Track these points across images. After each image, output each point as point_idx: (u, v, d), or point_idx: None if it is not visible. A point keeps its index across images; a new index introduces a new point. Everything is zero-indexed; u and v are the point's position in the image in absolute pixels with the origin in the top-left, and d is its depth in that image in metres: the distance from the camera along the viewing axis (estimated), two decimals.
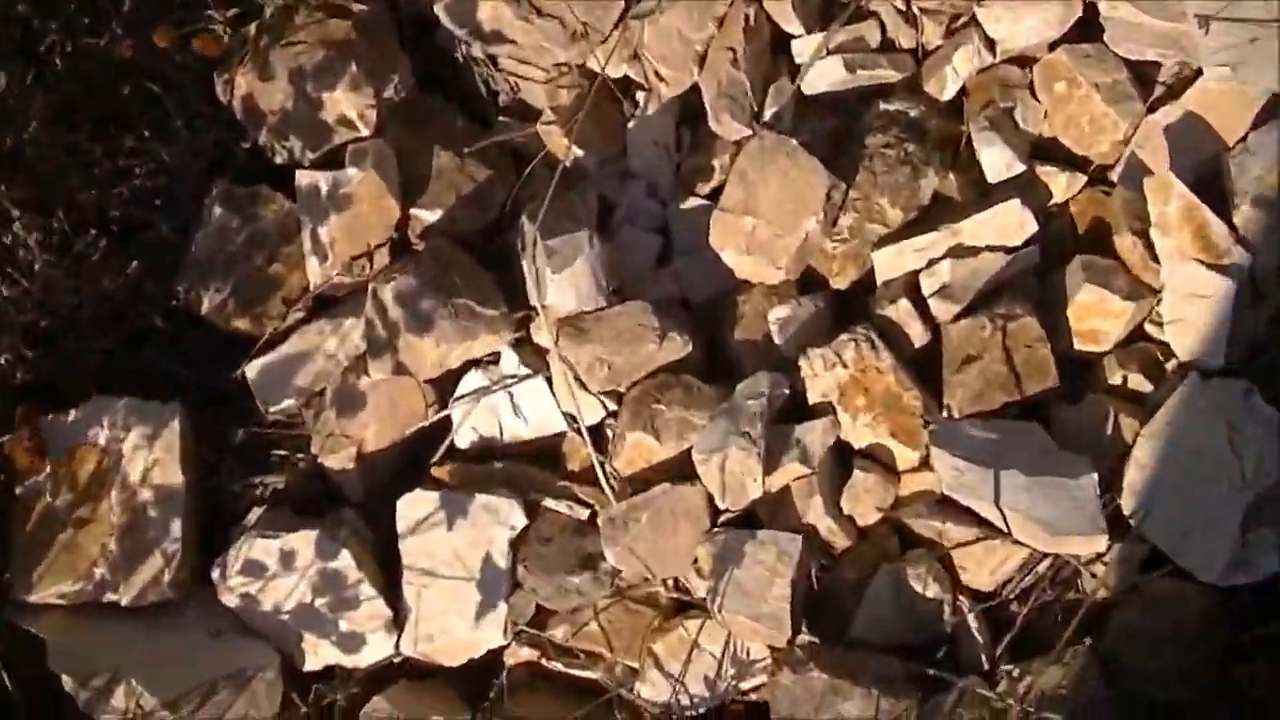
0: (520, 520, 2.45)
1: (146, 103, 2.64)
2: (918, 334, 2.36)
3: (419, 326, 2.42)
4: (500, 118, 2.69)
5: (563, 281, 2.39)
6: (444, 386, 2.58)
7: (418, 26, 2.73)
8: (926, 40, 2.56)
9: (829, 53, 2.51)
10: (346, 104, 2.51)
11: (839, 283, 2.42)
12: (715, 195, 2.51)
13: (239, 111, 2.61)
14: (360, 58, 2.51)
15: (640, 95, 2.61)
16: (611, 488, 2.38)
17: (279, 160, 2.61)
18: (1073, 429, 2.24)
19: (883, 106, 2.52)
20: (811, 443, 2.22)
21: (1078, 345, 2.32)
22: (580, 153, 2.56)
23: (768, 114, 2.54)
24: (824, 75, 2.52)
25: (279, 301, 2.53)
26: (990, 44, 2.37)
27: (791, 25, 2.54)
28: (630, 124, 2.59)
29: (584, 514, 2.42)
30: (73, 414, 2.55)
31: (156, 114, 2.63)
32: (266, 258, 2.55)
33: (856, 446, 2.29)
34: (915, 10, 2.52)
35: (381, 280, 2.46)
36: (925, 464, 2.23)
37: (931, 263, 2.37)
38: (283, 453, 2.57)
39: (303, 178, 2.52)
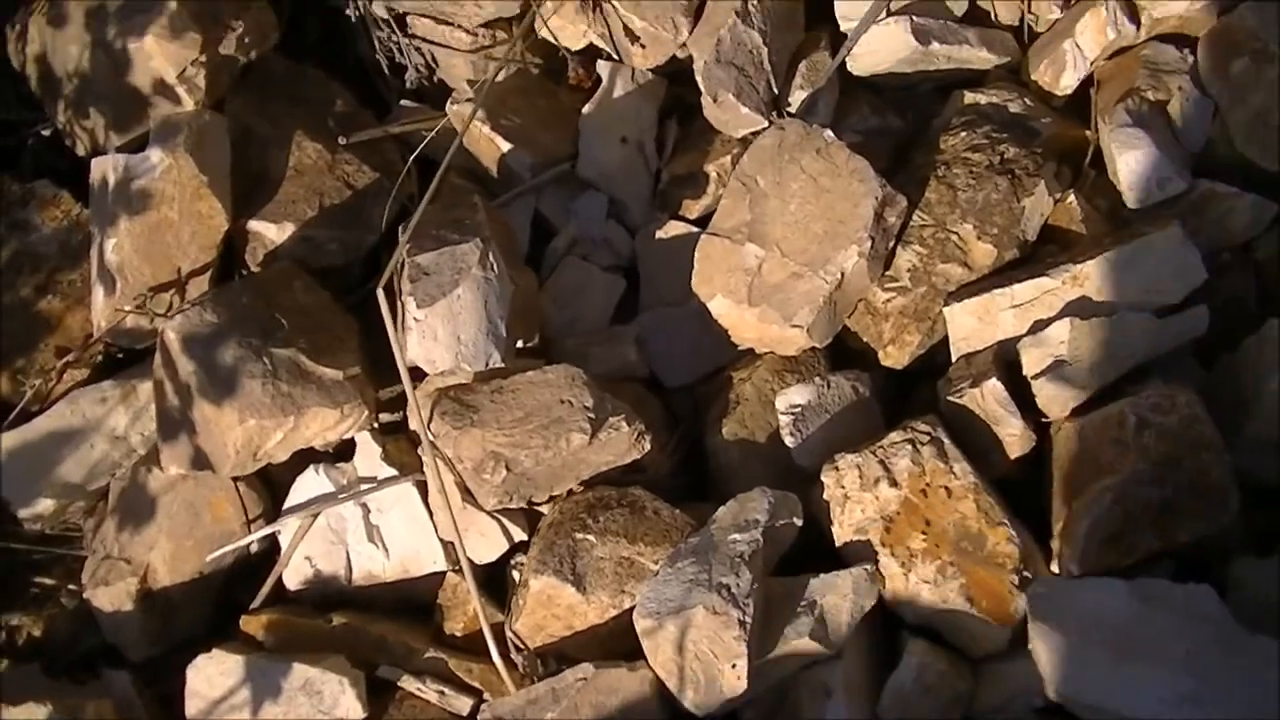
0: (355, 710, 1.75)
1: None
2: (1014, 437, 1.72)
3: (217, 390, 1.75)
4: (404, 103, 1.87)
5: (433, 321, 1.63)
6: (275, 487, 1.92)
7: None
8: (1037, 8, 1.98)
9: (890, 15, 1.66)
10: (161, 59, 1.88)
11: (892, 356, 1.86)
12: (708, 221, 1.70)
13: (33, 80, 2.05)
14: None
15: (603, 68, 1.80)
16: (511, 663, 1.75)
17: (81, 151, 2.05)
18: (1262, 598, 1.61)
19: (969, 98, 1.80)
20: (834, 608, 1.63)
21: None
22: (507, 146, 1.76)
23: (794, 101, 1.81)
24: (881, 49, 1.96)
25: (50, 352, 1.97)
26: (1133, 12, 1.88)
27: None
28: (586, 110, 1.79)
29: (465, 706, 1.78)
30: None
31: None
32: (37, 287, 1.99)
33: (911, 616, 1.69)
34: None
35: (165, 320, 1.81)
36: (1020, 647, 1.60)
37: (1039, 326, 1.73)
38: (47, 581, 1.98)
39: (96, 166, 1.93)
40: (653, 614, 1.63)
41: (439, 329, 1.71)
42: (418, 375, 1.82)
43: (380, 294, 1.74)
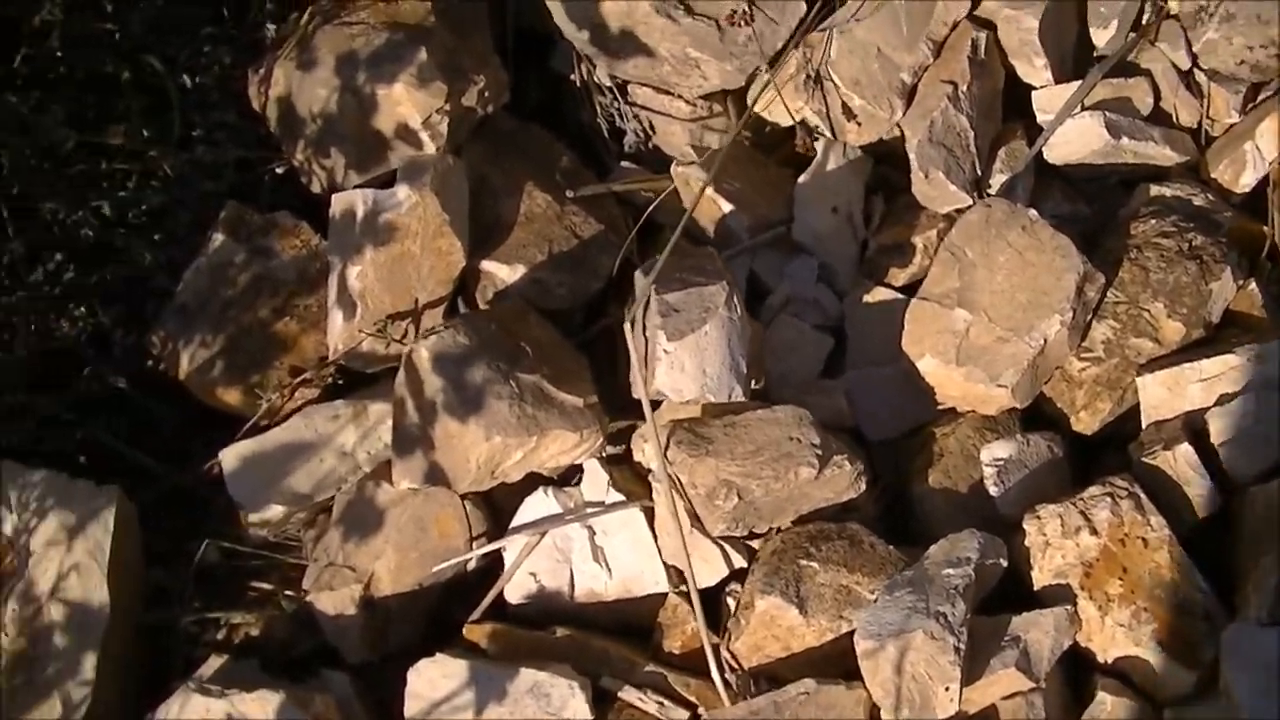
0: (583, 713, 1.97)
1: (152, 97, 2.35)
2: (1202, 497, 2.00)
3: (464, 408, 2.01)
4: (624, 164, 2.20)
5: (682, 353, 1.90)
6: (498, 510, 2.15)
7: (528, 42, 2.45)
8: (1215, 113, 2.23)
9: (1084, 110, 2.00)
10: (409, 105, 2.14)
11: (1084, 422, 2.14)
12: (913, 289, 2.04)
13: (272, 120, 2.32)
14: (435, 47, 2.22)
15: (818, 144, 2.11)
16: (726, 683, 1.99)
17: (316, 188, 2.31)
18: None
19: (1155, 190, 2.08)
20: (1037, 643, 1.87)
21: None
22: (728, 207, 2.06)
23: (994, 183, 2.08)
24: (1075, 141, 2.17)
25: (284, 370, 2.23)
26: None
27: (1033, 67, 2.23)
28: (802, 180, 2.10)
29: (682, 717, 2.01)
30: None
31: (164, 113, 2.33)
32: (275, 309, 2.25)
33: (1103, 657, 1.95)
34: (1200, 75, 2.04)
35: (417, 341, 2.03)
36: (1206, 691, 1.89)
37: (1225, 398, 2.04)
38: (264, 585, 2.21)
39: (338, 201, 2.20)
40: (874, 636, 1.88)
41: (686, 361, 1.99)
42: (637, 411, 2.09)
43: (627, 326, 2.02)
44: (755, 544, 2.08)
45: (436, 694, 2.05)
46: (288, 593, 2.20)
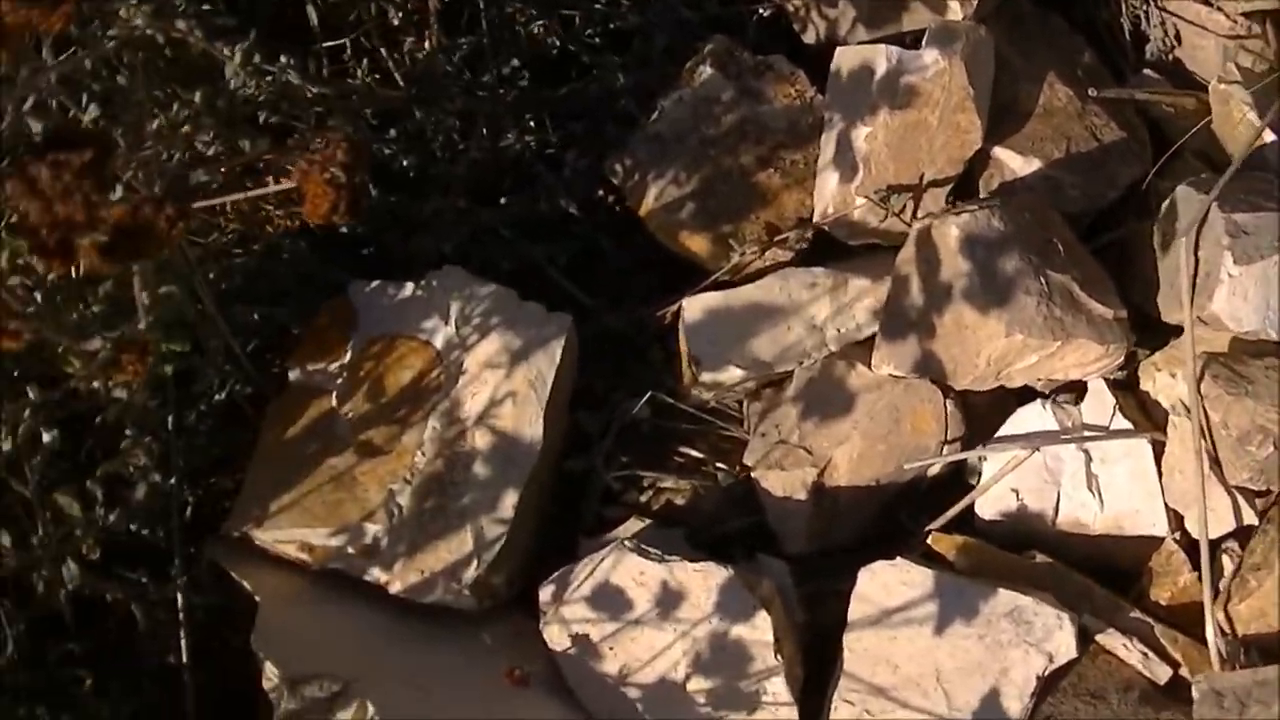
0: (1067, 649, 1.91)
1: None
2: None
3: (988, 297, 1.94)
4: (1146, 72, 2.10)
5: (1247, 280, 1.82)
6: (978, 414, 2.08)
7: None
8: None
9: None
10: None
11: None
12: None
13: None
14: None
15: None
16: (1218, 650, 1.90)
17: (810, 38, 2.26)
18: None
19: None
20: None
21: None
22: (1271, 137, 1.94)
23: None
24: None
25: (759, 224, 2.16)
26: None
27: None
28: None
29: (1164, 674, 1.94)
30: (408, 287, 2.13)
31: None
32: (759, 158, 2.18)
33: None
34: None
35: (942, 217, 1.94)
36: None
37: None
38: (693, 453, 2.15)
39: (846, 55, 2.13)
40: None
41: (1250, 289, 1.91)
42: (1145, 336, 2.00)
43: (1181, 242, 1.93)
44: (1259, 502, 1.98)
45: (890, 601, 1.98)
46: (719, 465, 2.12)
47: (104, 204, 1.31)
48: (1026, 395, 2.10)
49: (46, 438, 1.85)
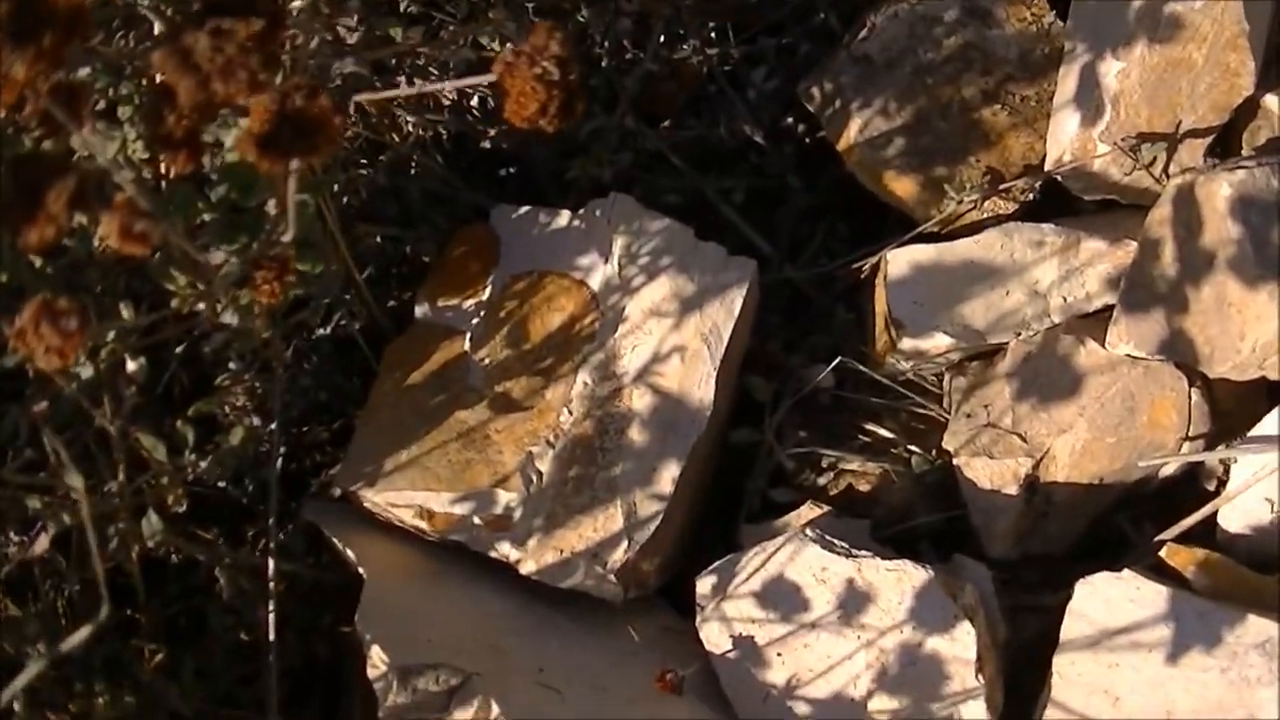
0: None
1: None
2: None
3: (1261, 270, 1.78)
4: None
5: None
6: (1222, 409, 1.92)
7: None
8: None
9: None
10: None
11: None
12: None
13: None
14: None
15: None
16: None
17: None
18: None
19: None
20: None
21: None
22: None
23: None
24: None
25: (979, 169, 2.01)
26: None
27: None
28: None
29: None
30: (564, 215, 2.00)
31: None
32: (984, 92, 2.02)
33: None
34: None
35: (1209, 173, 1.83)
36: None
37: None
38: (883, 432, 2.00)
39: None
40: None
41: None
42: None
43: None
44: None
45: (1114, 620, 1.82)
46: (913, 447, 1.96)
47: (271, 85, 1.13)
48: None
49: (132, 366, 1.73)
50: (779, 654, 1.85)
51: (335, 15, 1.74)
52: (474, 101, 2.06)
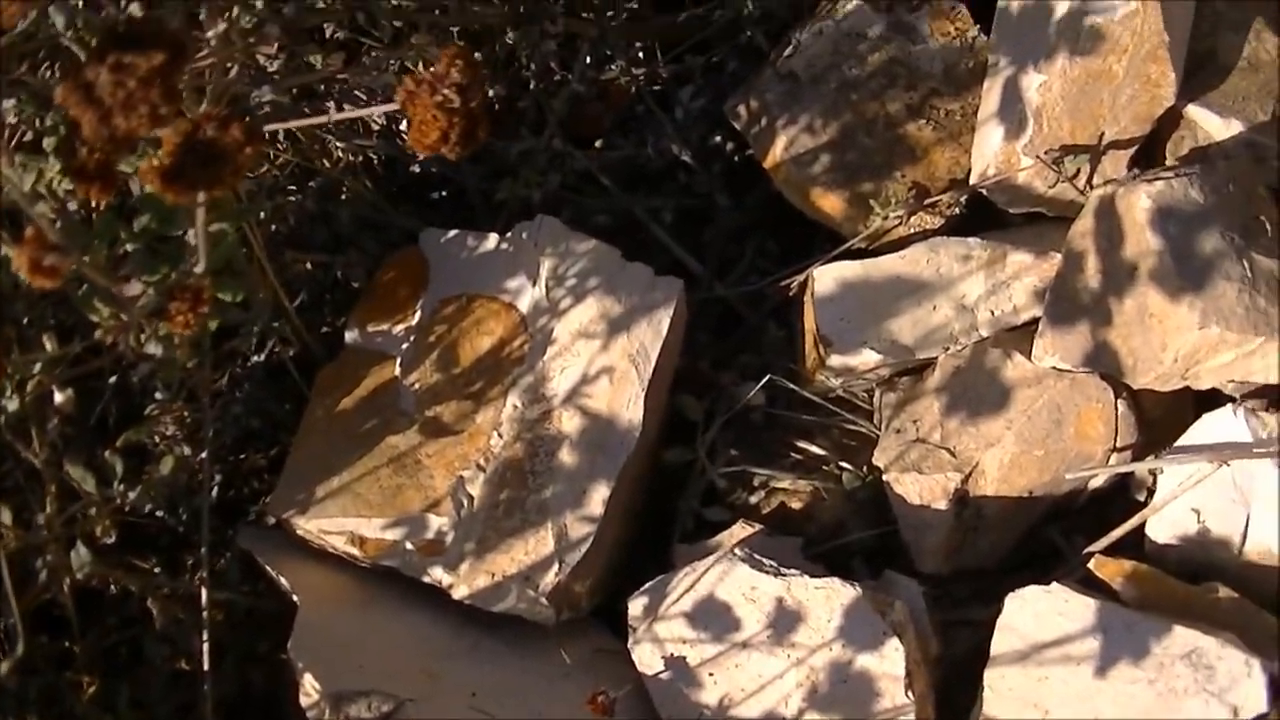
0: (1255, 701, 1.80)
1: None
2: None
3: (1182, 281, 1.84)
4: None
5: None
6: (1150, 419, 2.00)
7: None
8: None
9: None
10: None
11: None
12: None
13: None
14: None
15: None
16: None
17: None
18: None
19: None
20: None
21: None
22: None
23: None
24: None
25: (905, 184, 2.07)
26: None
27: None
28: None
29: None
30: (491, 239, 2.08)
31: None
32: (909, 106, 2.09)
33: None
34: None
35: (1130, 184, 1.90)
36: None
37: None
38: (813, 449, 2.07)
39: None
40: None
41: None
42: None
43: None
44: None
45: (1043, 634, 1.89)
46: (844, 464, 2.03)
47: (173, 119, 1.20)
48: (1208, 400, 1.99)
49: (59, 398, 1.80)
50: (711, 674, 1.91)
51: (256, 43, 1.82)
52: (404, 125, 2.13)
